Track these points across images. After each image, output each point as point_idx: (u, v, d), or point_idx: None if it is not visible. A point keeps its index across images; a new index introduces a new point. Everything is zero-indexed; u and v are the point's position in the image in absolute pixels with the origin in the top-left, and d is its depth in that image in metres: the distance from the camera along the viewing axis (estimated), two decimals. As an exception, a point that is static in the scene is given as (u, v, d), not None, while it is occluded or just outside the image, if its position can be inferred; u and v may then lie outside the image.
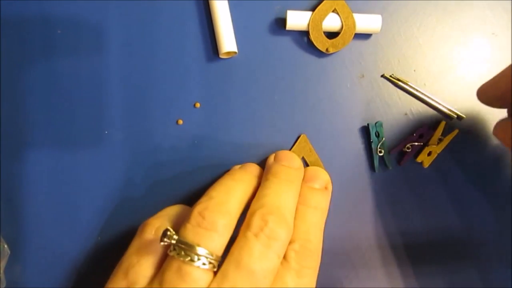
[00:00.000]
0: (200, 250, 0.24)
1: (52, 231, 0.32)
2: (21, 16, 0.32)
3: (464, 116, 0.33)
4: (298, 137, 0.32)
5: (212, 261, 0.25)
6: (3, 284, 0.31)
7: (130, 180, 0.32)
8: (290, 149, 0.32)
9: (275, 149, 0.32)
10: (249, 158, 0.32)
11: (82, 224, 0.32)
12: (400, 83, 0.31)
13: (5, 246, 0.31)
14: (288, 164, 0.30)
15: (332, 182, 0.31)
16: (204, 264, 0.24)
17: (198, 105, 0.32)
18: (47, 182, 0.32)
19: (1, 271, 0.30)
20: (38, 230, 0.32)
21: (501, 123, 0.28)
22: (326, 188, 0.31)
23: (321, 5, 0.31)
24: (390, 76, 0.32)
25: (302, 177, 0.30)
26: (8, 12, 0.32)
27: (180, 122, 0.32)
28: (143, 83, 0.32)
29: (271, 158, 0.31)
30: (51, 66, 0.32)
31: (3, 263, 0.30)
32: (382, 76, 0.32)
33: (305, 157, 0.32)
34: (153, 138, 0.32)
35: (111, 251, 0.32)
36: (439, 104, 0.33)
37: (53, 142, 0.32)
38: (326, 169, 0.32)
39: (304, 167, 0.32)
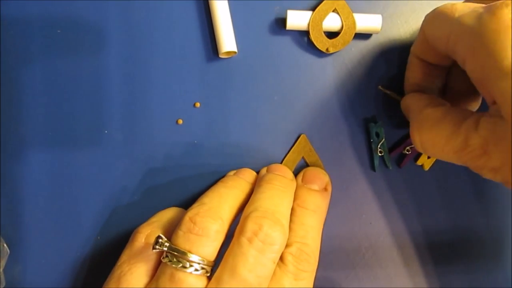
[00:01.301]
0: (191, 257, 0.24)
1: (52, 231, 0.32)
2: (21, 16, 0.32)
3: None
4: (298, 137, 0.32)
5: (205, 267, 0.25)
6: (3, 284, 0.31)
7: (130, 180, 0.32)
8: (290, 150, 0.32)
9: (275, 149, 0.32)
10: (248, 158, 0.32)
11: (82, 223, 0.32)
12: (396, 97, 0.31)
13: (5, 245, 0.31)
14: (281, 174, 0.30)
15: (332, 182, 0.31)
16: (196, 270, 0.24)
17: (198, 104, 0.32)
18: (47, 181, 0.32)
19: (1, 271, 0.30)
20: (38, 230, 0.32)
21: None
22: (325, 189, 0.31)
23: (321, 5, 0.31)
24: (385, 89, 0.32)
25: (295, 188, 0.30)
26: (8, 12, 0.32)
27: (180, 121, 0.32)
28: (143, 83, 0.32)
29: (264, 171, 0.31)
30: (51, 66, 0.32)
31: (3, 263, 0.30)
32: (379, 88, 0.32)
33: (305, 157, 0.32)
34: (153, 138, 0.32)
35: (111, 250, 0.32)
36: None
37: (53, 142, 0.32)
38: (326, 169, 0.32)
39: (304, 167, 0.32)
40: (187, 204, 0.32)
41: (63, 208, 0.32)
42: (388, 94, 0.32)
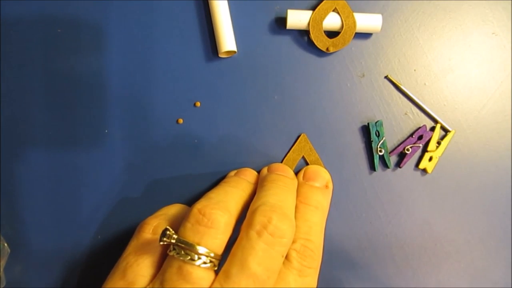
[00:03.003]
0: (200, 249, 0.24)
1: (52, 230, 0.32)
2: (21, 16, 0.32)
3: (450, 129, 0.32)
4: (298, 137, 0.32)
5: (213, 260, 0.24)
6: (3, 283, 0.31)
7: (130, 179, 0.32)
8: (290, 149, 0.32)
9: (276, 149, 0.32)
10: (249, 157, 0.32)
11: (82, 223, 0.32)
12: (402, 87, 0.31)
13: (5, 245, 0.31)
14: (282, 174, 0.30)
15: (332, 181, 0.31)
16: (204, 263, 0.24)
17: (198, 104, 0.32)
18: (47, 181, 0.32)
19: (1, 270, 0.30)
20: (38, 230, 0.32)
21: None
22: (326, 186, 0.31)
23: (321, 4, 0.31)
24: (393, 79, 0.32)
25: (296, 186, 0.30)
26: (8, 12, 0.32)
27: (180, 121, 0.32)
28: (143, 82, 0.32)
29: (265, 170, 0.31)
30: (51, 66, 0.32)
31: (3, 262, 0.30)
32: (386, 77, 0.32)
33: (305, 157, 0.32)
34: (153, 137, 0.32)
35: (111, 250, 0.32)
36: (434, 115, 0.33)
37: (53, 142, 0.32)
38: (326, 168, 0.32)
39: (304, 166, 0.32)
40: (187, 203, 0.32)
41: (63, 207, 0.32)
42: (397, 85, 0.31)
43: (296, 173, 0.32)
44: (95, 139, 0.32)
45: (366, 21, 0.32)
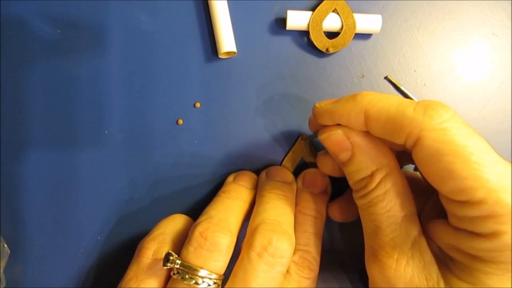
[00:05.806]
0: (204, 273, 0.24)
1: (52, 231, 0.32)
2: (21, 16, 0.32)
3: None
4: (298, 137, 0.32)
5: (217, 281, 0.25)
6: (3, 284, 0.31)
7: (130, 180, 0.32)
8: (289, 149, 0.32)
9: (275, 149, 0.32)
10: (248, 158, 0.32)
11: (82, 223, 0.32)
12: (402, 88, 0.31)
13: (5, 245, 0.31)
14: (280, 179, 0.30)
15: (331, 183, 0.31)
16: (209, 285, 0.24)
17: (198, 105, 0.32)
18: (47, 182, 0.32)
19: (1, 271, 0.30)
20: (38, 230, 0.32)
21: (320, 157, 0.29)
22: (325, 191, 0.30)
23: (321, 5, 0.31)
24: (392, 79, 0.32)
25: (295, 190, 0.30)
26: (8, 12, 0.32)
27: (180, 122, 0.32)
28: (143, 83, 0.32)
29: (263, 175, 0.31)
30: (51, 66, 0.32)
31: (3, 263, 0.30)
32: (386, 78, 0.32)
33: (304, 158, 0.32)
34: (153, 138, 0.32)
35: (111, 250, 0.32)
36: None
37: (53, 142, 0.32)
38: (326, 169, 0.32)
39: (304, 167, 0.32)
40: (186, 203, 0.32)
41: (63, 207, 0.32)
42: (397, 85, 0.31)
43: (296, 174, 0.31)
44: (95, 139, 0.32)
45: (366, 21, 0.32)
